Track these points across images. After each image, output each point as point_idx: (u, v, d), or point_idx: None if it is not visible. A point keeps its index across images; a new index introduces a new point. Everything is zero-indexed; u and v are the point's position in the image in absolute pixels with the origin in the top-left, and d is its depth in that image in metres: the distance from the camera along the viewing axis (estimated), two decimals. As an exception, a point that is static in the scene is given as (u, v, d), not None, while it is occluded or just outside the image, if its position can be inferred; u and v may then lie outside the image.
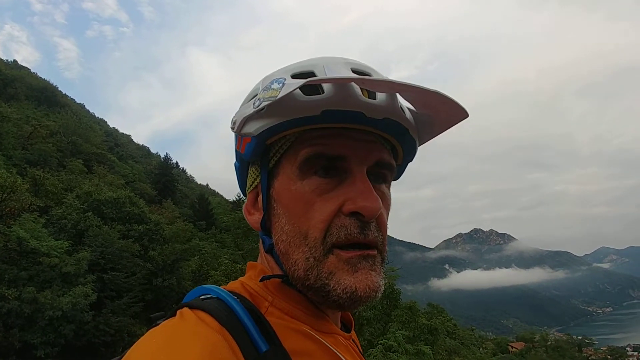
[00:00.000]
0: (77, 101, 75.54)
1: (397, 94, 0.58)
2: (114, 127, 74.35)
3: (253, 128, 0.57)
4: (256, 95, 0.58)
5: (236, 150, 0.65)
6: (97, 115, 78.22)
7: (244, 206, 0.66)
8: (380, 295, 0.56)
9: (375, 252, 0.56)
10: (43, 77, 63.85)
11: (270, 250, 0.61)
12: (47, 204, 20.88)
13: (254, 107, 0.55)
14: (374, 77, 0.53)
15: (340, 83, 0.54)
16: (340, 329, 0.66)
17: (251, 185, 0.65)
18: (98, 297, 17.08)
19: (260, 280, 0.59)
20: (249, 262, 0.66)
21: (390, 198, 0.63)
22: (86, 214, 20.73)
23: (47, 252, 16.49)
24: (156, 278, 21.04)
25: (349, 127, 0.56)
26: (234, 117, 0.62)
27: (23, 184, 19.30)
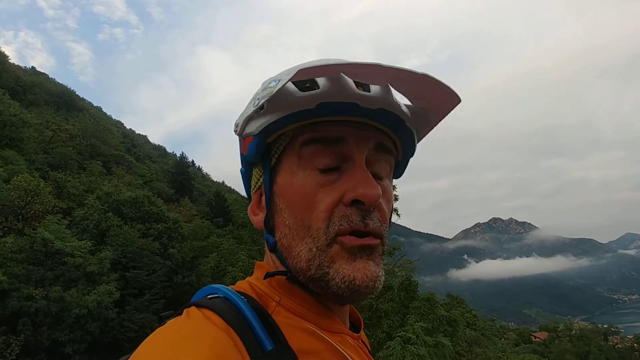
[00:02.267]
0: (94, 104, 77.29)
1: (391, 87, 0.58)
2: (130, 129, 75.84)
3: (254, 127, 0.58)
4: (257, 97, 0.60)
5: (241, 155, 0.66)
6: (113, 118, 79.90)
7: (248, 208, 0.67)
8: (380, 286, 0.56)
9: (377, 241, 0.56)
10: (60, 82, 65.52)
11: (273, 248, 0.61)
12: (69, 205, 21.52)
13: (253, 107, 0.57)
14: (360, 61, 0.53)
15: (335, 77, 0.55)
16: (350, 329, 0.65)
17: (255, 185, 0.66)
18: (121, 294, 17.58)
19: (264, 278, 0.59)
20: (257, 262, 0.66)
21: (391, 192, 0.63)
22: (107, 214, 21.29)
23: (72, 252, 17.03)
24: (176, 275, 21.50)
25: (344, 119, 0.57)
26: (237, 120, 0.63)
27: (46, 187, 19.92)
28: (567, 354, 37.77)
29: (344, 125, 0.57)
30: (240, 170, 0.70)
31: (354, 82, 0.56)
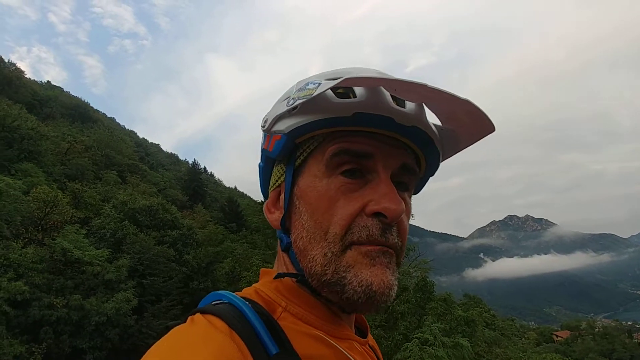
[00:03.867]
0: (108, 115, 78.83)
1: (424, 106, 0.59)
2: (143, 138, 76.95)
3: (284, 126, 0.59)
4: (289, 96, 0.59)
5: (263, 150, 0.66)
6: (126, 127, 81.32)
7: (264, 205, 0.67)
8: (394, 295, 0.56)
9: (393, 251, 0.56)
10: (75, 95, 67.04)
11: (287, 248, 0.61)
12: (86, 215, 21.94)
13: (287, 106, 0.57)
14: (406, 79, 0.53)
15: (373, 88, 0.55)
16: (356, 333, 0.65)
17: (275, 183, 0.65)
18: (139, 301, 17.83)
19: (275, 278, 0.59)
20: (262, 269, 0.66)
21: (411, 207, 0.63)
22: (123, 222, 21.63)
23: (90, 261, 17.35)
24: (192, 281, 21.69)
25: (377, 132, 0.57)
26: (266, 116, 0.63)
27: (64, 198, 20.37)
28: (591, 353, 36.87)
29: (375, 139, 0.57)
30: (259, 165, 0.70)
31: (391, 95, 0.56)
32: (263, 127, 0.63)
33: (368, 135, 0.57)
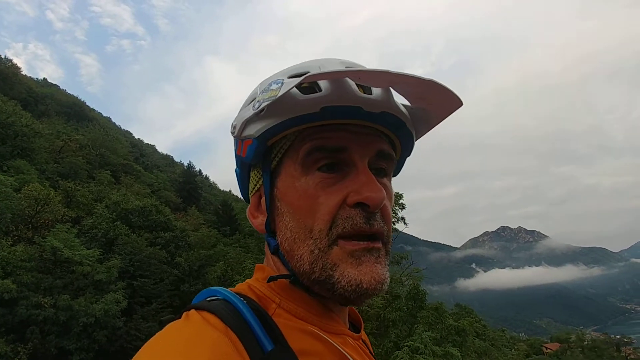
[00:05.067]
0: (104, 115, 78.39)
1: (392, 89, 0.59)
2: (139, 138, 76.58)
3: (254, 130, 0.58)
4: (255, 98, 0.59)
5: (237, 156, 0.65)
6: (122, 128, 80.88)
7: (247, 210, 0.67)
8: (386, 287, 0.56)
9: (380, 244, 0.57)
10: (71, 93, 66.65)
11: (276, 251, 0.61)
12: (78, 214, 21.74)
13: (253, 109, 0.57)
14: (368, 68, 0.54)
15: (337, 79, 0.55)
16: (349, 329, 0.65)
17: (254, 188, 0.65)
18: (129, 303, 17.63)
19: (268, 282, 0.59)
20: (256, 265, 0.66)
21: (392, 190, 0.64)
22: (115, 223, 21.46)
23: (80, 260, 17.15)
24: (183, 284, 21.51)
25: (348, 122, 0.57)
26: (234, 122, 0.63)
27: (56, 196, 20.18)
28: (580, 366, 36.92)
29: (346, 130, 0.57)
30: (235, 171, 0.70)
31: (356, 84, 0.56)
32: (233, 133, 0.62)
33: (339, 128, 0.56)
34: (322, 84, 0.56)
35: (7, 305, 14.44)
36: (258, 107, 0.55)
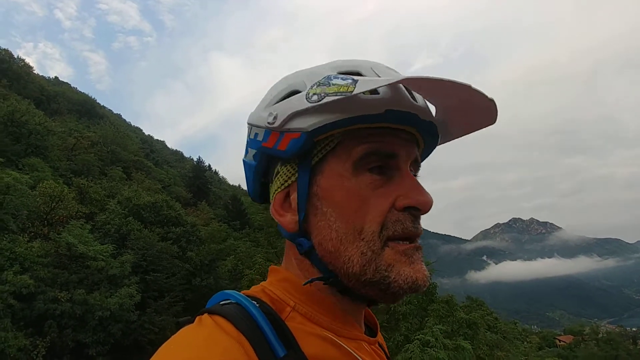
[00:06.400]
0: (114, 112, 79.30)
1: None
2: (149, 135, 77.46)
3: (306, 123, 0.54)
4: (299, 91, 0.56)
5: (264, 148, 0.60)
6: (132, 124, 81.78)
7: (271, 207, 0.62)
8: (429, 284, 0.58)
9: (420, 245, 0.58)
10: (82, 91, 67.50)
11: (308, 252, 0.58)
12: (91, 210, 22.11)
13: (310, 102, 0.53)
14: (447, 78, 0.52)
15: (403, 84, 0.54)
16: (365, 332, 0.64)
17: (282, 184, 0.60)
18: (142, 297, 17.93)
19: (304, 285, 0.57)
20: (270, 267, 0.64)
21: None
22: (127, 218, 21.78)
23: (94, 256, 17.48)
24: (195, 278, 21.80)
25: (401, 128, 0.57)
26: (273, 111, 0.57)
27: (70, 193, 20.55)
28: (594, 359, 36.53)
29: (396, 136, 0.57)
30: (250, 164, 0.64)
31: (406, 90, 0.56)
32: (271, 123, 0.57)
33: (391, 133, 0.56)
34: (380, 87, 0.54)
35: (26, 300, 14.80)
36: (319, 100, 0.52)
